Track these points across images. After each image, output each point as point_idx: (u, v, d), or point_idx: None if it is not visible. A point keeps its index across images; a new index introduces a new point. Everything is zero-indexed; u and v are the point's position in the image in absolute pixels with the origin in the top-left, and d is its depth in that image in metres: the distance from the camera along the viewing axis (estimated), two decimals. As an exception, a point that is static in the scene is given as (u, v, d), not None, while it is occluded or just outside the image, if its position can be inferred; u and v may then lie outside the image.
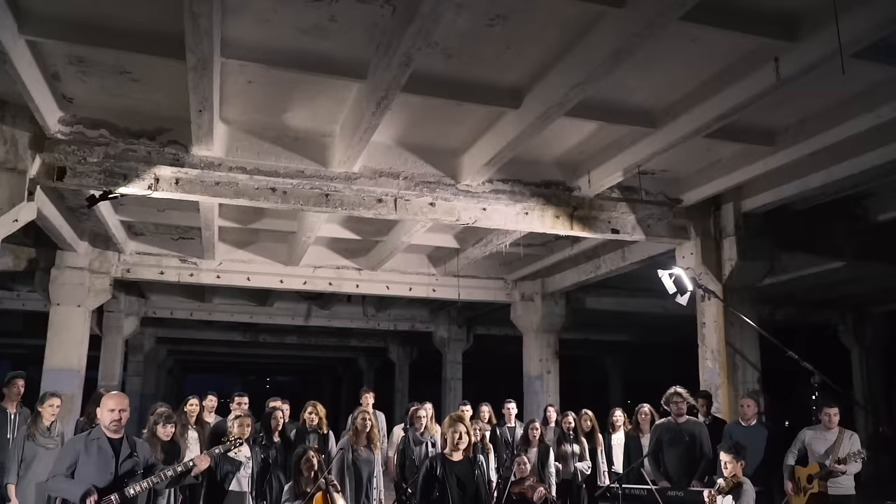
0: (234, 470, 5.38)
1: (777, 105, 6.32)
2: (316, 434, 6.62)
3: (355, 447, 5.93)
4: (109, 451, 4.36)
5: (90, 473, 4.26)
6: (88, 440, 4.40)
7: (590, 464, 7.50)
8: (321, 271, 12.25)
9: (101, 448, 4.35)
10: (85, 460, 4.29)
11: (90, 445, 4.35)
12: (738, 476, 5.02)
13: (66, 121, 6.56)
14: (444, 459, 4.85)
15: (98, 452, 4.33)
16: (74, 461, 4.30)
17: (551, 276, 12.75)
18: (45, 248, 10.95)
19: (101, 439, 4.40)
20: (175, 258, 11.68)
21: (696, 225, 8.40)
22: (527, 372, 13.25)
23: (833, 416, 6.34)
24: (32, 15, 5.06)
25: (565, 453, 7.41)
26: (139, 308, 16.36)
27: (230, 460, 5.42)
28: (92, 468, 4.28)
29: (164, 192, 6.89)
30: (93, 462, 4.30)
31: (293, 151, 7.07)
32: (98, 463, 4.29)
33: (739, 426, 6.93)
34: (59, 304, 10.88)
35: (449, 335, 18.11)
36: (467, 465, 4.86)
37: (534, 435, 7.20)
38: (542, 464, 6.93)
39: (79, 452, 4.33)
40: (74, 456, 4.33)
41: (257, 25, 5.17)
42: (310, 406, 6.80)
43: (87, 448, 4.34)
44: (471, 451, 4.99)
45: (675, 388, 6.64)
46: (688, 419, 6.60)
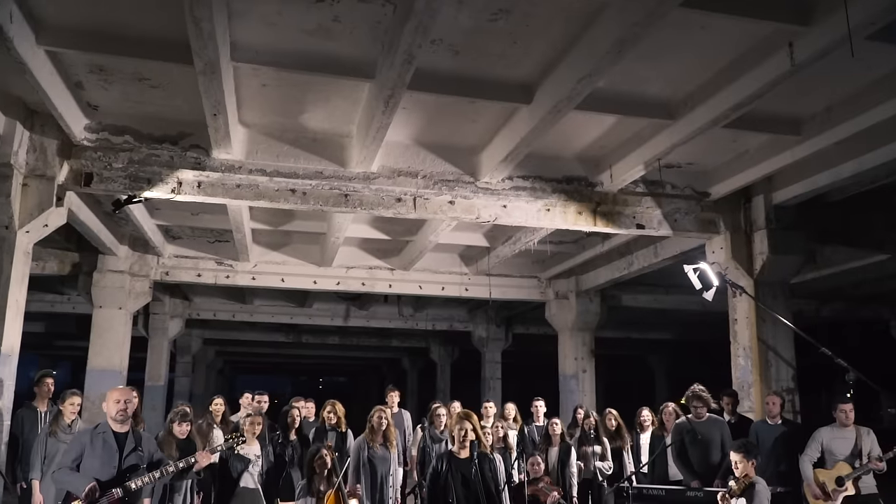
0: (244, 467, 5.47)
1: (801, 93, 6.12)
2: (335, 432, 6.68)
3: (371, 445, 5.96)
4: (114, 446, 4.47)
5: (94, 467, 4.38)
6: (94, 434, 4.52)
7: (611, 464, 7.37)
8: (354, 272, 12.36)
9: (107, 442, 4.47)
10: (90, 453, 4.41)
11: (96, 439, 4.47)
12: (751, 475, 4.85)
13: (92, 128, 6.78)
14: (451, 457, 4.83)
15: (103, 446, 4.45)
16: (80, 454, 4.43)
17: (585, 274, 12.59)
18: (87, 252, 11.33)
19: (106, 433, 4.52)
20: (212, 261, 11.94)
21: (725, 219, 8.18)
22: (562, 371, 13.11)
23: (849, 413, 6.09)
24: (50, 26, 5.23)
25: (586, 453, 7.29)
26: (183, 310, 16.79)
27: (240, 458, 5.51)
28: (96, 461, 4.40)
29: (186, 195, 7.04)
30: (97, 456, 4.42)
31: (311, 153, 7.15)
32: (102, 457, 4.41)
33: (765, 424, 6.71)
34: (102, 306, 11.25)
35: (487, 334, 18.06)
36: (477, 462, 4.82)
37: (554, 433, 7.11)
38: (562, 463, 6.84)
39: (84, 445, 4.45)
40: (80, 449, 4.46)
41: (264, 28, 5.24)
42: (328, 405, 6.86)
43: (93, 441, 4.46)
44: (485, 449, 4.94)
45: (695, 388, 6.48)
46: (708, 417, 6.43)
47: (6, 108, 6.26)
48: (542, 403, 8.39)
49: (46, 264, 11.54)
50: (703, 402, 6.36)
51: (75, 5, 5.05)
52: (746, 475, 4.82)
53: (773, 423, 6.67)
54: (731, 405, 7.32)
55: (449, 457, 4.86)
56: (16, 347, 6.47)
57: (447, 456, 4.87)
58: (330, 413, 6.76)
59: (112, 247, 10.87)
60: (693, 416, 6.38)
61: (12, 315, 6.33)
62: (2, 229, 6.31)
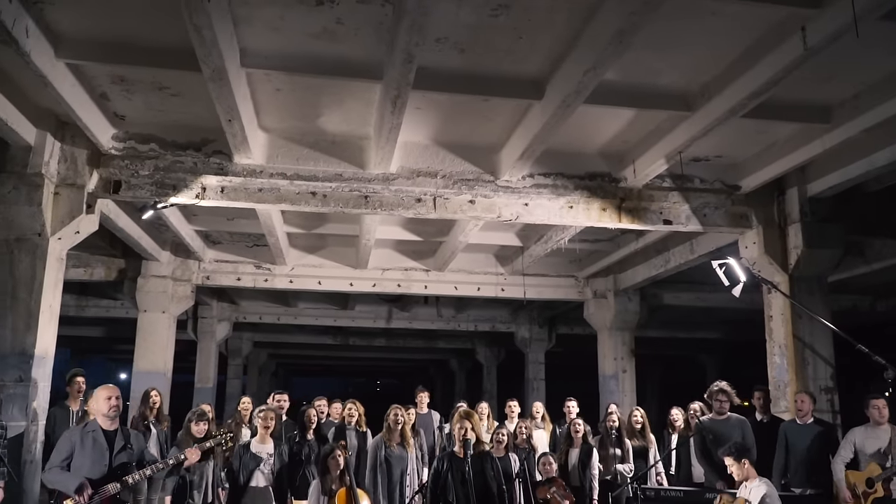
0: (255, 465, 5.55)
1: (827, 79, 5.90)
2: (355, 431, 6.74)
3: (388, 444, 5.97)
4: (104, 444, 4.57)
5: (85, 465, 4.49)
6: (84, 432, 4.62)
7: (632, 466, 7.19)
8: (389, 273, 12.44)
9: (97, 440, 4.57)
10: (80, 452, 4.51)
11: (85, 438, 4.57)
12: (752, 478, 4.67)
13: (119, 137, 7.00)
14: (453, 457, 4.81)
15: (93, 445, 4.55)
16: (70, 453, 4.53)
17: (623, 272, 12.37)
18: (132, 258, 11.72)
19: (96, 431, 4.62)
20: (250, 265, 12.20)
21: (757, 212, 7.91)
22: (602, 371, 12.92)
23: (882, 409, 5.81)
24: (68, 39, 5.42)
25: (607, 454, 7.14)
26: (230, 314, 17.20)
27: (253, 456, 5.60)
28: (87, 460, 4.50)
29: (210, 200, 7.21)
30: (87, 454, 4.52)
31: (331, 155, 7.23)
32: (93, 455, 4.50)
33: (795, 424, 6.46)
34: (146, 310, 11.63)
35: (530, 335, 17.93)
36: (477, 462, 4.79)
37: (576, 434, 6.98)
38: (582, 465, 6.72)
39: (74, 444, 4.55)
40: (70, 448, 4.56)
41: (270, 34, 5.32)
42: (349, 404, 6.92)
43: (83, 440, 4.56)
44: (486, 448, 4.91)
45: (719, 384, 6.29)
46: (729, 416, 6.24)
47: (37, 120, 6.52)
48: (575, 404, 8.27)
49: (94, 271, 12.00)
50: (727, 397, 6.17)
51: (92, 18, 5.21)
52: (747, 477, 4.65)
53: (802, 423, 6.41)
54: (763, 403, 7.06)
55: (450, 456, 4.84)
56: (50, 350, 6.72)
57: (449, 455, 4.85)
58: (350, 412, 6.82)
59: (154, 252, 11.22)
60: (714, 413, 6.19)
61: (46, 319, 6.59)
62: (34, 237, 6.57)
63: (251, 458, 5.54)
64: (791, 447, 6.36)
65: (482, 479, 4.71)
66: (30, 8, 4.91)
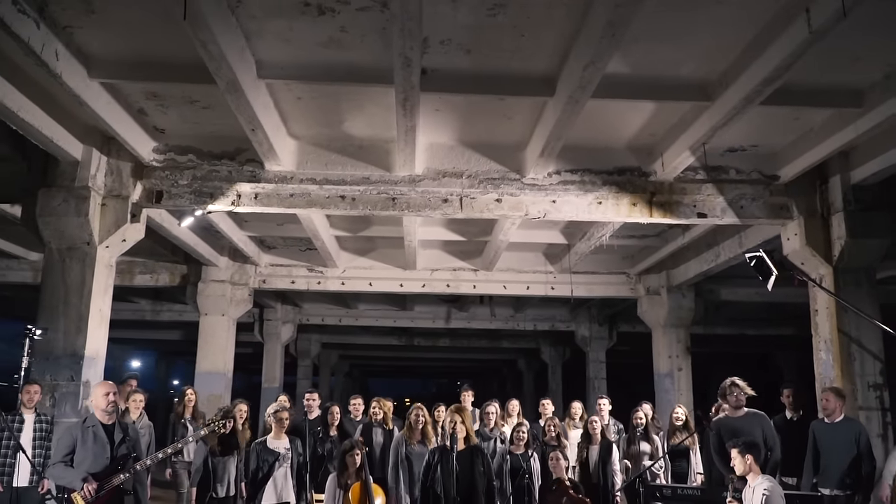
0: (273, 460, 5.77)
1: (851, 62, 5.66)
2: (381, 428, 6.89)
3: (409, 442, 6.09)
4: (104, 438, 4.83)
5: (87, 459, 4.73)
6: (84, 428, 4.87)
7: (662, 463, 7.03)
8: (438, 274, 12.59)
9: (97, 435, 4.82)
10: (82, 447, 4.76)
11: (86, 433, 4.83)
12: (756, 473, 4.53)
13: (160, 149, 7.41)
14: (444, 450, 4.88)
15: (94, 439, 4.80)
16: (72, 448, 4.78)
17: (675, 268, 12.09)
18: (193, 264, 12.32)
19: (95, 426, 4.87)
20: (304, 268, 12.60)
21: (798, 202, 7.60)
22: (657, 369, 12.65)
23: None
24: (99, 60, 5.79)
25: (635, 452, 7.02)
26: (294, 316, 17.77)
27: (270, 451, 5.82)
28: (89, 454, 4.74)
29: (245, 206, 7.52)
30: (89, 449, 4.76)
31: (358, 159, 7.43)
32: (94, 449, 4.76)
33: (823, 423, 6.18)
34: (206, 313, 12.19)
35: (590, 333, 17.72)
36: (468, 456, 4.85)
37: (594, 431, 6.90)
38: (603, 462, 6.63)
39: (76, 439, 4.81)
40: (71, 443, 4.82)
41: (282, 45, 5.53)
42: (374, 402, 7.07)
43: (84, 435, 4.81)
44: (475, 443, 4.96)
45: (731, 378, 6.10)
46: (747, 412, 6.03)
47: (83, 136, 6.98)
48: (607, 402, 8.18)
49: (160, 277, 12.67)
50: (740, 389, 5.99)
51: (121, 39, 5.55)
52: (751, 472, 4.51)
53: (831, 422, 6.13)
54: (793, 401, 6.79)
55: (442, 450, 4.91)
56: (101, 351, 7.17)
57: (440, 449, 4.93)
58: (375, 409, 6.98)
59: (212, 258, 11.75)
60: (731, 409, 6.01)
61: (95, 323, 7.04)
62: (83, 245, 7.04)
63: (268, 453, 5.77)
64: (820, 446, 6.10)
65: (470, 473, 4.77)
66: (59, 33, 5.28)
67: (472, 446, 4.94)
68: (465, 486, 4.75)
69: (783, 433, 6.55)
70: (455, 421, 4.94)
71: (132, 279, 12.62)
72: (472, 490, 4.78)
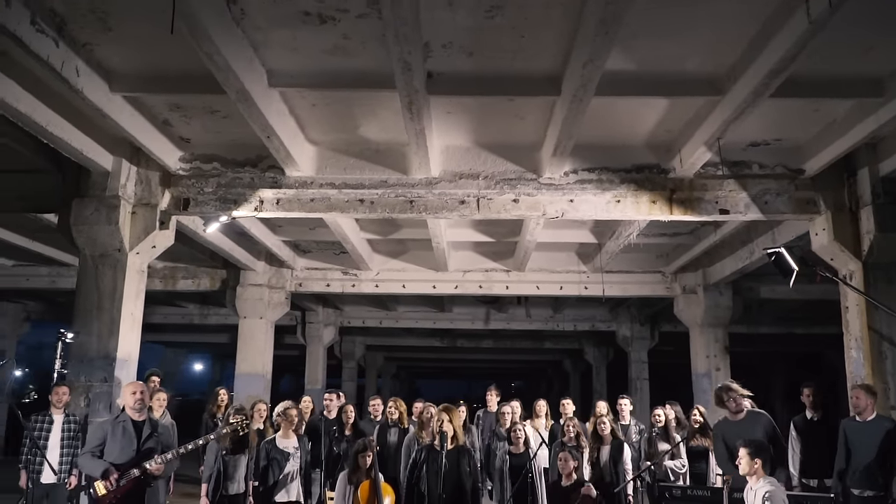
0: (282, 460, 5.91)
1: (865, 50, 5.49)
2: (397, 428, 6.98)
3: (421, 440, 6.15)
4: (132, 433, 5.13)
5: (114, 452, 5.05)
6: (115, 423, 5.20)
7: (684, 462, 6.92)
8: (470, 275, 12.64)
9: (126, 430, 5.13)
10: (111, 440, 5.08)
11: (116, 427, 5.14)
12: (759, 476, 4.43)
13: (186, 158, 7.68)
14: (430, 449, 4.93)
15: (123, 434, 5.11)
16: (102, 441, 5.10)
17: (712, 266, 11.86)
18: (232, 269, 12.67)
19: (126, 422, 5.19)
20: (338, 271, 12.82)
21: (825, 196, 7.39)
22: (694, 369, 12.43)
23: None
24: (120, 74, 6.04)
25: (656, 452, 6.92)
26: (335, 318, 18.07)
27: (279, 451, 5.97)
28: (116, 447, 5.07)
29: (267, 212, 7.72)
30: (117, 442, 5.08)
31: (375, 163, 7.55)
32: (122, 443, 5.06)
33: (854, 422, 5.99)
34: (245, 317, 12.53)
35: (631, 333, 17.50)
36: (454, 455, 4.89)
37: (603, 431, 6.83)
38: (613, 461, 6.56)
39: (106, 433, 5.13)
40: (102, 436, 5.14)
41: (290, 54, 5.68)
42: (391, 402, 7.17)
43: (114, 430, 5.13)
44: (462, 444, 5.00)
45: (724, 383, 5.99)
46: (747, 413, 5.91)
47: (113, 148, 7.28)
48: (628, 402, 8.10)
49: (201, 281, 13.08)
50: (736, 392, 5.89)
51: (139, 53, 5.77)
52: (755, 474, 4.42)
53: (862, 421, 5.93)
54: (813, 401, 6.61)
55: (428, 449, 4.97)
56: (133, 354, 7.46)
57: (427, 448, 4.99)
58: (392, 409, 7.08)
59: (249, 263, 12.07)
60: (729, 413, 5.90)
61: (127, 326, 7.33)
62: (115, 252, 7.34)
63: (277, 452, 5.92)
64: (851, 445, 5.92)
65: (456, 473, 4.82)
66: (79, 50, 5.54)
67: (459, 446, 5.00)
68: (451, 486, 4.81)
69: (803, 433, 6.39)
70: (443, 420, 4.99)
71: (175, 284, 13.07)
72: (458, 489, 4.83)
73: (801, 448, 6.57)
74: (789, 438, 6.69)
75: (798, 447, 6.58)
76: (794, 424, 6.75)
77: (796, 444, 6.62)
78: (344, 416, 6.92)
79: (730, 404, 5.99)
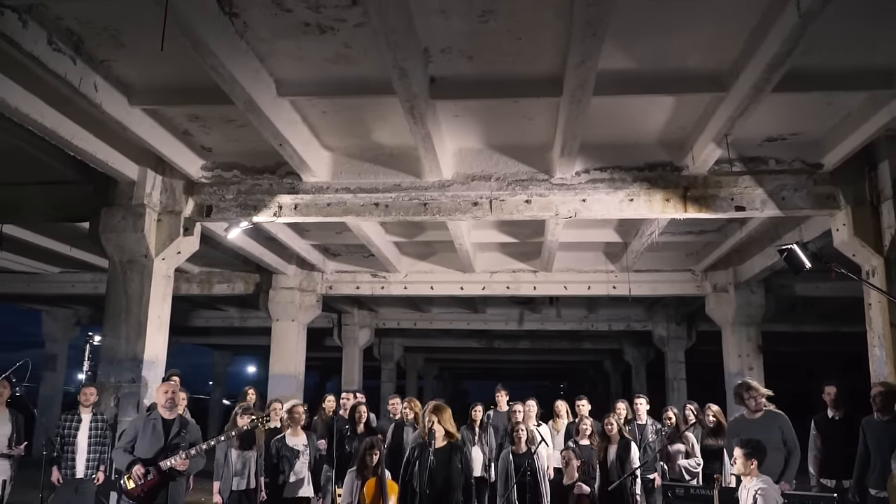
0: (294, 456, 6.08)
1: (871, 42, 5.39)
2: (412, 428, 7.09)
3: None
4: (161, 430, 5.44)
5: (144, 447, 5.37)
6: (147, 420, 5.52)
7: (699, 461, 6.85)
8: (498, 276, 12.69)
9: (156, 427, 5.45)
10: (142, 436, 5.40)
11: (147, 424, 5.46)
12: (753, 476, 4.39)
13: (207, 167, 7.95)
14: (423, 447, 5.03)
15: (153, 431, 5.42)
16: (134, 437, 5.43)
17: (742, 264, 11.67)
18: (265, 273, 12.99)
19: (156, 420, 5.51)
20: (367, 274, 13.02)
21: (845, 191, 7.23)
22: (727, 368, 12.23)
23: None
24: (139, 88, 6.32)
25: (669, 452, 6.86)
26: (371, 320, 18.31)
27: (289, 448, 6.14)
28: (146, 443, 5.38)
29: (286, 217, 7.93)
30: (147, 438, 5.39)
31: (389, 167, 7.69)
32: (151, 439, 5.37)
33: (873, 420, 5.86)
34: (278, 319, 12.81)
35: (668, 333, 17.29)
36: (446, 452, 4.97)
37: (611, 431, 6.81)
38: (620, 461, 6.53)
39: (138, 430, 5.46)
40: (134, 433, 5.47)
41: (296, 64, 5.86)
42: (406, 402, 7.29)
43: (145, 426, 5.45)
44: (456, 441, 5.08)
45: (745, 381, 5.91)
46: (765, 413, 5.82)
47: (138, 158, 7.59)
48: (645, 401, 8.05)
49: (235, 285, 13.45)
50: (756, 391, 5.80)
51: (155, 67, 6.01)
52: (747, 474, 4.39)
53: (881, 420, 5.80)
54: (834, 399, 6.47)
55: (422, 446, 5.06)
56: (160, 355, 7.76)
57: (421, 445, 5.08)
58: (406, 409, 7.19)
59: (281, 267, 12.37)
60: (747, 411, 5.81)
61: (154, 329, 7.63)
62: (141, 258, 7.65)
63: (287, 449, 6.10)
64: (870, 445, 5.81)
65: (446, 470, 4.91)
66: (97, 66, 5.82)
67: (451, 444, 5.09)
68: (441, 482, 4.90)
69: (823, 432, 6.28)
70: (433, 420, 5.10)
71: (211, 288, 13.46)
72: (447, 486, 4.91)
73: (820, 447, 6.45)
74: (810, 437, 6.58)
75: (818, 446, 6.47)
76: (814, 423, 6.63)
77: (816, 443, 6.50)
78: (357, 414, 7.07)
79: (749, 402, 5.94)
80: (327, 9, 5.02)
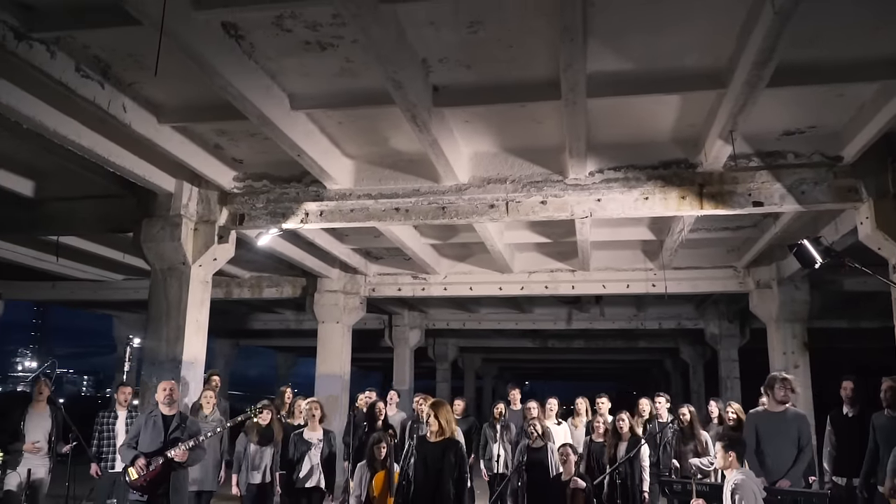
0: (306, 449, 6.38)
1: (873, 31, 5.31)
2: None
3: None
4: (161, 425, 5.76)
5: (145, 442, 5.71)
6: (148, 416, 5.87)
7: (713, 459, 6.78)
8: (536, 275, 12.79)
9: (156, 423, 5.79)
10: (144, 432, 5.75)
11: (148, 420, 5.81)
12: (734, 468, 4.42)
13: (239, 178, 8.40)
14: (421, 441, 5.22)
15: (153, 426, 5.76)
16: (137, 433, 5.78)
17: (785, 260, 11.40)
18: (311, 277, 13.47)
19: (156, 416, 5.85)
20: (408, 276, 13.33)
21: (867, 183, 7.07)
22: (772, 366, 11.92)
23: None
24: (167, 107, 6.78)
25: (682, 450, 6.84)
26: (421, 321, 18.64)
27: (303, 441, 6.45)
28: (147, 438, 5.73)
29: (312, 223, 8.30)
30: (148, 433, 5.75)
31: (408, 173, 7.95)
32: (151, 434, 5.72)
33: (883, 416, 5.74)
34: (323, 321, 13.27)
35: (720, 331, 16.95)
36: (440, 447, 5.15)
37: (622, 429, 6.83)
38: (630, 459, 6.54)
39: (140, 426, 5.80)
40: (137, 429, 5.84)
41: (305, 79, 6.18)
42: (420, 399, 7.52)
43: (146, 423, 5.80)
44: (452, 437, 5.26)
45: (782, 373, 5.84)
46: (787, 409, 5.74)
47: (175, 171, 8.08)
48: (664, 400, 8.03)
49: (283, 289, 14.00)
50: (790, 384, 5.74)
51: (182, 86, 6.42)
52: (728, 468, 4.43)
53: (890, 415, 5.69)
54: (851, 396, 6.34)
55: (420, 441, 5.26)
56: (199, 357, 8.24)
57: (418, 440, 5.28)
58: (420, 405, 7.43)
59: (324, 271, 12.82)
60: (772, 403, 5.77)
61: (192, 331, 8.11)
62: (180, 265, 8.15)
63: (303, 443, 6.42)
64: (879, 441, 5.70)
65: (440, 464, 5.08)
66: (125, 89, 6.30)
67: (446, 439, 5.27)
68: (435, 475, 5.09)
69: (837, 429, 6.18)
70: (430, 414, 5.30)
71: (261, 292, 14.06)
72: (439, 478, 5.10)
73: (835, 444, 6.35)
74: (825, 434, 6.48)
75: (833, 443, 6.37)
76: (829, 419, 6.53)
77: (831, 440, 6.40)
78: (375, 411, 7.36)
79: (778, 392, 5.91)
80: (323, 27, 5.31)
